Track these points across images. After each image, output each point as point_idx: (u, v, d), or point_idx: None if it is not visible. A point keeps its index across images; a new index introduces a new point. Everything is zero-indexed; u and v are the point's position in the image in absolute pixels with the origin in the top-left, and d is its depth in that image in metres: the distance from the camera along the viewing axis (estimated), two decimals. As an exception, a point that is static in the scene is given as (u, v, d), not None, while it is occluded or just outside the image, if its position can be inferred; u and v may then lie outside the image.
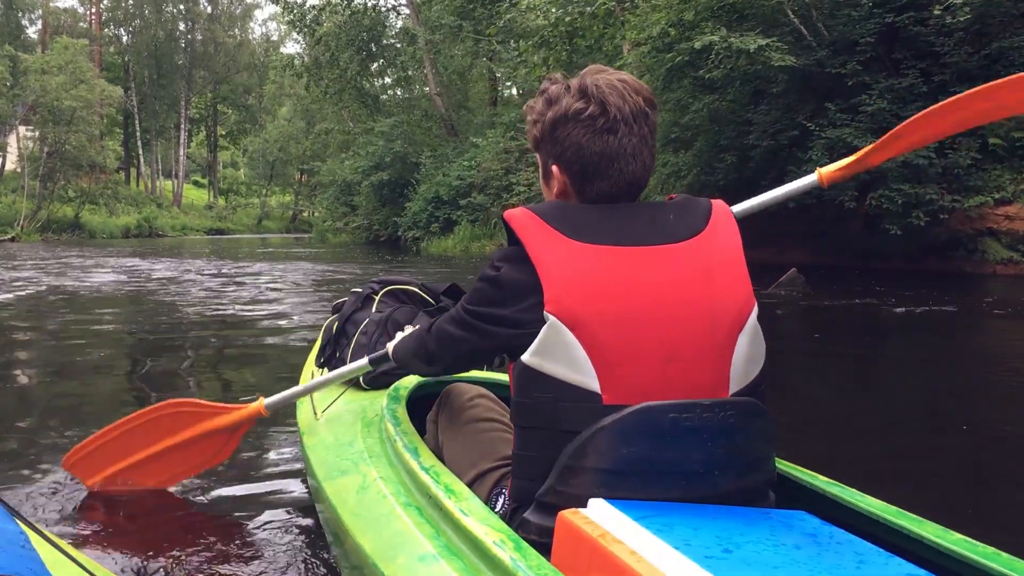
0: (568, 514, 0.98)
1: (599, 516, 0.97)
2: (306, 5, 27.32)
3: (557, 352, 1.05)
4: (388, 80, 30.37)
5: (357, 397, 1.81)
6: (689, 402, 1.04)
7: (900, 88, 10.66)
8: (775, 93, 11.92)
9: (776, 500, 1.14)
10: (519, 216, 1.13)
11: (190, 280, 10.49)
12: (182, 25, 48.44)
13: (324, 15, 26.73)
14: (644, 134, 1.15)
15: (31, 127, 31.96)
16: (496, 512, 1.15)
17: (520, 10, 16.29)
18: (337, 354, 1.99)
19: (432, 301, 2.07)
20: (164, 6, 46.77)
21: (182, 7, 47.82)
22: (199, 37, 48.54)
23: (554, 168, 1.19)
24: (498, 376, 1.85)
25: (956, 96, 1.51)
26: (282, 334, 5.47)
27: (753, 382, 1.11)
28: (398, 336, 1.62)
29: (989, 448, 2.88)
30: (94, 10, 46.55)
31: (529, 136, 1.24)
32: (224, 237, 38.37)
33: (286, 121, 45.21)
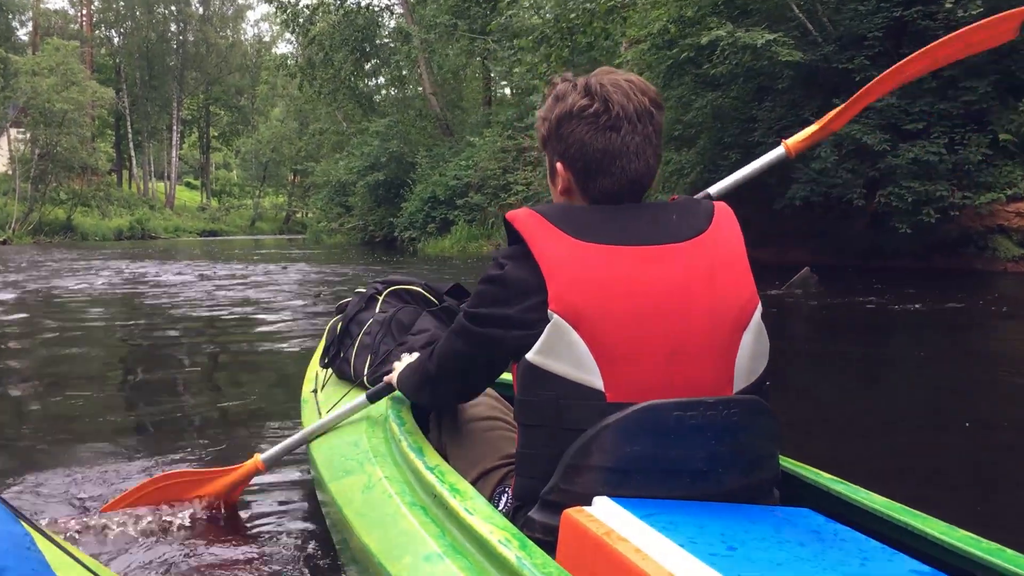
0: (573, 512, 0.98)
1: (604, 514, 0.97)
2: (299, 5, 27.23)
3: (561, 350, 1.05)
4: (382, 80, 30.34)
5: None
6: (693, 400, 1.04)
7: (909, 84, 10.60)
8: (780, 89, 11.66)
9: (780, 497, 1.15)
10: (522, 216, 1.13)
11: (183, 283, 10.44)
12: (173, 26, 48.21)
13: (317, 15, 26.66)
14: (648, 133, 1.15)
15: (22, 129, 31.79)
16: (499, 511, 1.15)
17: (520, 7, 16.24)
18: (341, 354, 1.98)
19: (436, 301, 2.07)
20: (155, 7, 46.47)
21: (173, 8, 47.53)
22: (191, 38, 48.32)
23: (559, 165, 1.19)
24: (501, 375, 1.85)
25: (918, 51, 1.51)
26: (278, 338, 5.42)
27: (757, 380, 1.12)
28: (397, 367, 1.62)
29: (996, 447, 2.88)
30: (85, 11, 46.24)
31: (538, 135, 1.25)
32: (217, 239, 38.22)
33: (279, 122, 45.10)
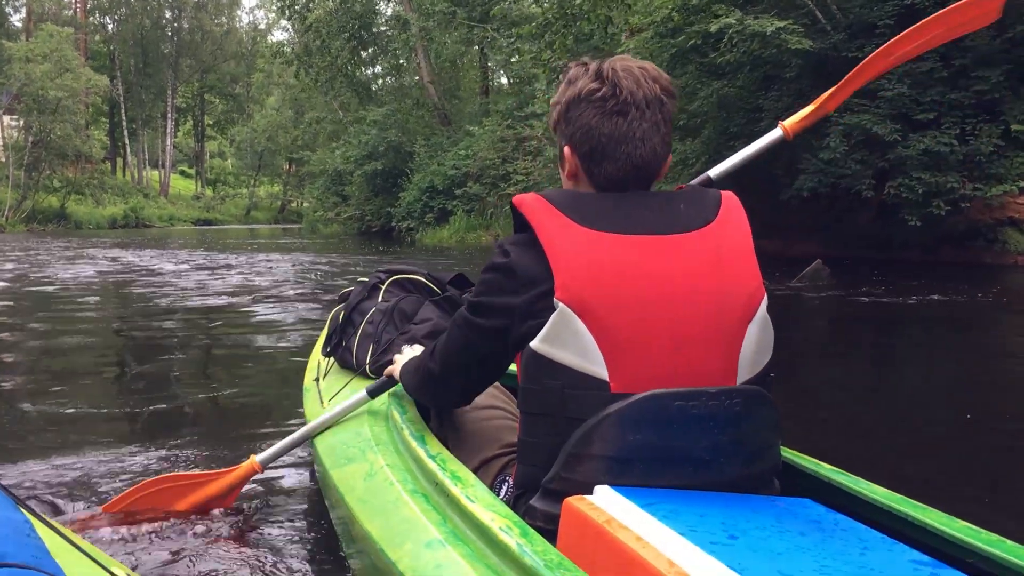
0: (574, 500, 0.99)
1: (605, 503, 0.97)
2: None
3: (566, 339, 1.05)
4: (379, 69, 30.18)
5: (363, 386, 1.81)
6: (695, 390, 1.05)
7: (920, 73, 10.35)
8: (787, 78, 11.52)
9: (781, 488, 1.15)
10: (529, 201, 1.13)
11: (178, 272, 10.40)
12: (168, 13, 47.83)
13: (314, 1, 26.48)
14: (656, 121, 1.14)
15: (15, 116, 31.61)
16: (500, 499, 1.16)
17: None
18: (343, 343, 1.99)
19: (438, 290, 2.07)
20: (150, -6, 46.25)
21: (168, -6, 47.31)
22: (185, 25, 47.96)
23: (566, 149, 1.19)
24: None
25: (906, 31, 1.51)
26: (273, 330, 5.39)
27: (761, 372, 1.12)
28: (398, 359, 1.61)
29: (1001, 441, 2.88)
30: (79, -3, 45.96)
31: (549, 119, 1.24)
32: (212, 228, 38.09)
33: (274, 110, 44.83)
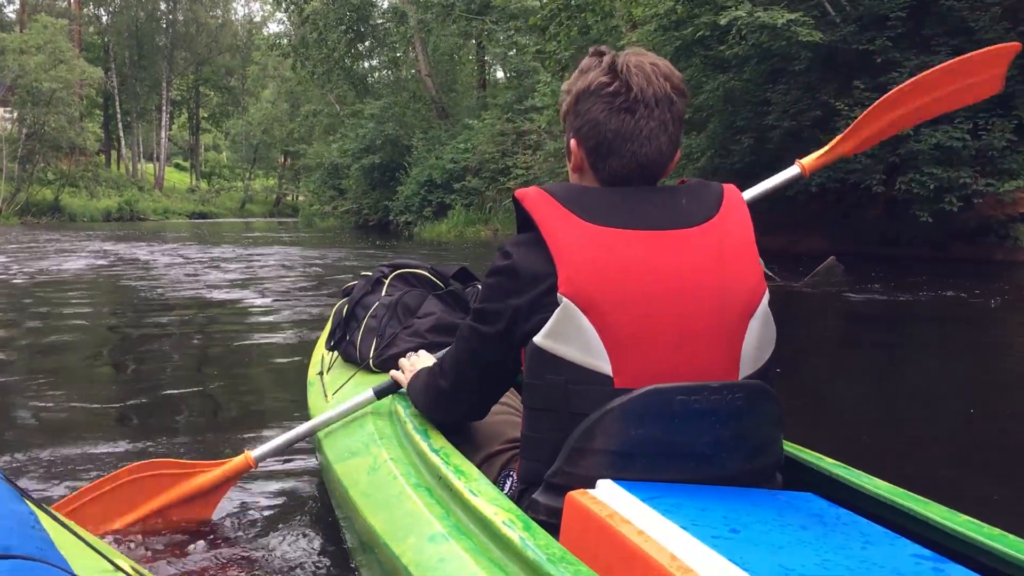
0: (576, 494, 0.99)
1: (607, 497, 0.98)
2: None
3: (570, 334, 1.05)
4: (375, 62, 30.05)
5: (367, 380, 1.81)
6: (698, 384, 1.05)
7: (931, 66, 10.22)
8: (795, 71, 11.25)
9: (783, 482, 1.16)
10: (532, 195, 1.13)
11: (173, 266, 10.36)
12: (163, 5, 47.59)
13: (312, -7, 26.34)
14: (665, 119, 1.14)
15: (9, 108, 31.42)
16: (504, 493, 1.16)
17: None
18: (347, 337, 1.99)
19: (442, 284, 2.08)
20: (144, -15, 45.95)
21: (163, -14, 47.02)
22: (180, 17, 47.71)
23: (572, 141, 1.19)
24: None
25: (923, 74, 1.51)
26: (269, 324, 5.35)
27: (763, 367, 1.12)
28: (404, 364, 1.59)
29: (1008, 439, 2.89)
30: (73, -11, 45.63)
31: (560, 108, 1.24)
32: (207, 221, 38.00)
33: (270, 103, 44.65)
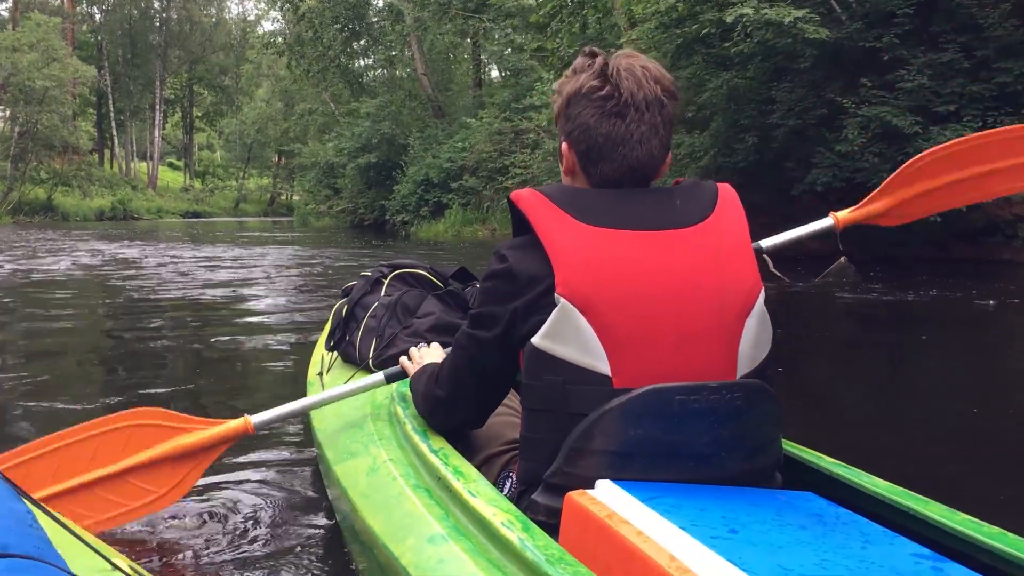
0: (575, 495, 0.99)
1: (606, 497, 0.98)
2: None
3: (568, 335, 1.05)
4: (371, 60, 29.97)
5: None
6: (696, 384, 1.05)
7: (940, 63, 9.96)
8: (800, 69, 11.13)
9: (783, 481, 1.16)
10: (527, 197, 1.13)
11: (166, 266, 10.31)
12: (157, 3, 47.42)
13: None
14: (655, 123, 1.14)
15: (1, 106, 31.24)
16: (504, 495, 1.16)
17: None
18: (347, 337, 2.00)
19: (441, 284, 2.09)
20: (137, -17, 45.76)
21: (156, -16, 46.83)
22: (174, 16, 47.54)
23: (564, 145, 1.19)
24: None
25: (970, 136, 1.56)
26: (268, 328, 5.28)
27: (760, 365, 1.12)
28: (414, 354, 1.59)
29: (1009, 440, 2.88)
30: (66, -14, 45.40)
31: (552, 107, 1.24)
32: (201, 220, 37.86)
33: (264, 102, 44.53)
